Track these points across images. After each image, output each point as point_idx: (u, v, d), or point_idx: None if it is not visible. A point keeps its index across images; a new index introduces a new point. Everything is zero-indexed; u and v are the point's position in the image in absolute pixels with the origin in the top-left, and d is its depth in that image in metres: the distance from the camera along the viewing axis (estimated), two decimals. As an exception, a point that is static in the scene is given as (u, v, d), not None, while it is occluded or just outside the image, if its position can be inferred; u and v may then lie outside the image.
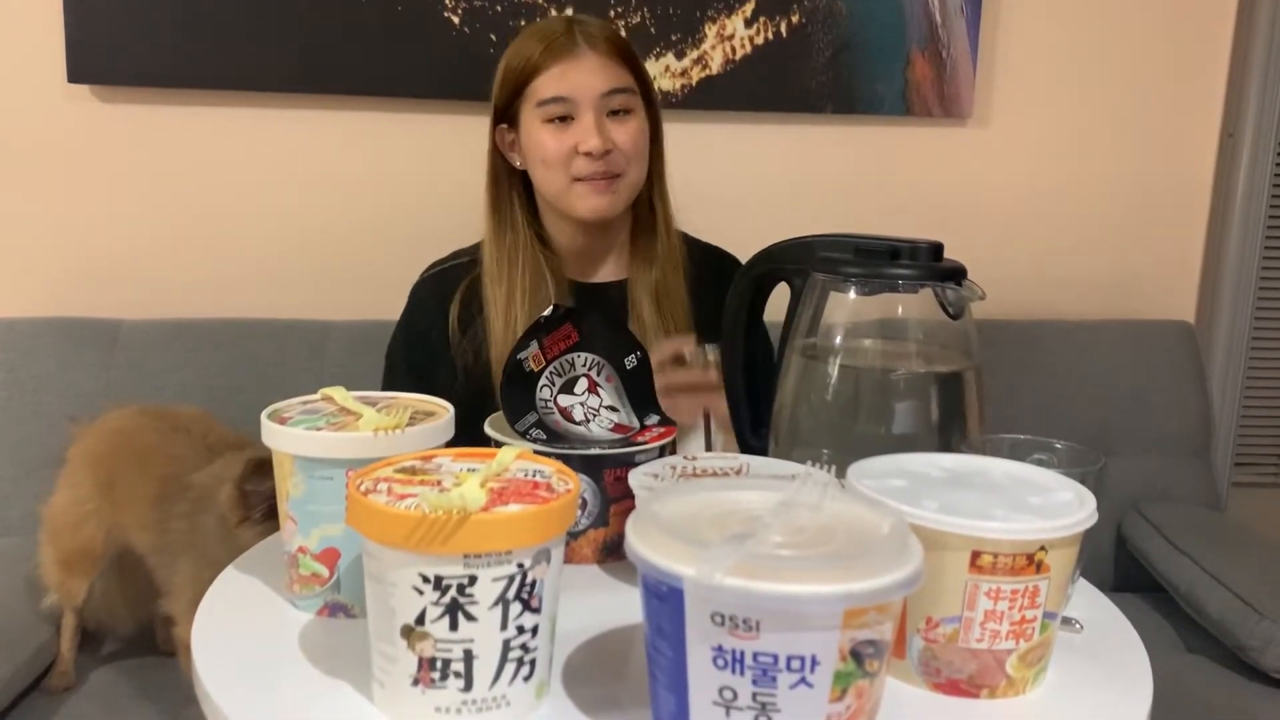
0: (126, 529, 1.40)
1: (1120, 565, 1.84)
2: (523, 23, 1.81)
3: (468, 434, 0.87)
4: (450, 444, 0.80)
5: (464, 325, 1.32)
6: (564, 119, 1.27)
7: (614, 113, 1.28)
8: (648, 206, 1.35)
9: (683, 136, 1.47)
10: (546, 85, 1.26)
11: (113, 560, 1.45)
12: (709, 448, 1.10)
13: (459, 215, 1.44)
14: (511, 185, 1.34)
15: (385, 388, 1.34)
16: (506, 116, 1.32)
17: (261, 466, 1.10)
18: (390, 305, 1.41)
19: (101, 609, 1.51)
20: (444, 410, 0.85)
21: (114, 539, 1.42)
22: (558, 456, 0.82)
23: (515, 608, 0.63)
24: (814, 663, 0.54)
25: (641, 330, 1.29)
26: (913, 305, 0.91)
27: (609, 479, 0.89)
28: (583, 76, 1.26)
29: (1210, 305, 2.11)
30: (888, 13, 1.91)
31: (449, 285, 1.34)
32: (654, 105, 1.34)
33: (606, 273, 1.37)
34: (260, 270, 1.87)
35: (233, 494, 1.14)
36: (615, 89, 1.27)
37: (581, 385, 0.95)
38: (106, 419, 1.48)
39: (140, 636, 1.55)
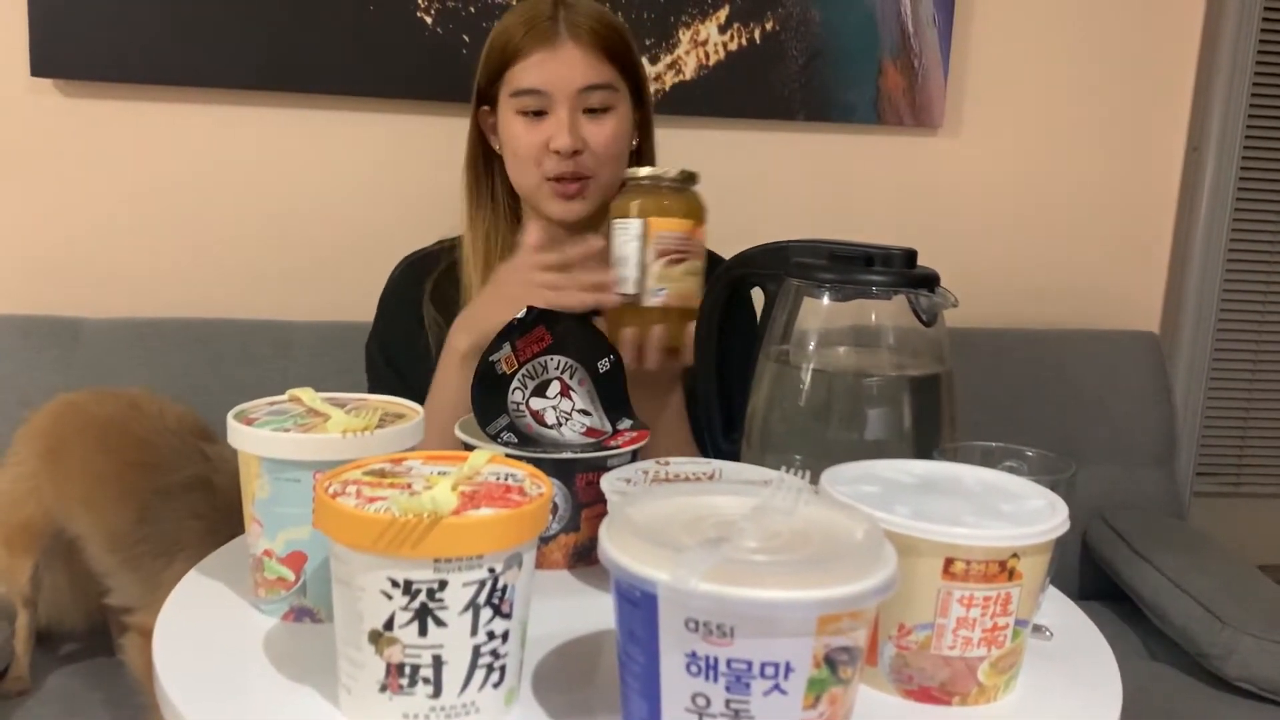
0: (70, 504, 1.35)
1: (1085, 573, 1.86)
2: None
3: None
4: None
5: (440, 310, 1.28)
6: (538, 113, 1.22)
7: (591, 110, 1.22)
8: None
9: (655, 141, 1.46)
10: (523, 74, 1.21)
11: (60, 553, 1.41)
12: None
13: (428, 216, 1.43)
14: (491, 170, 1.30)
15: (368, 380, 1.32)
16: (488, 98, 1.27)
17: None
18: (357, 306, 1.39)
19: (51, 606, 1.47)
20: (414, 412, 0.84)
21: (54, 516, 1.38)
22: (529, 460, 0.81)
23: (486, 613, 0.62)
24: (788, 669, 0.54)
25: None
26: (886, 312, 0.91)
27: (581, 483, 0.88)
28: (560, 69, 1.20)
29: (1175, 317, 2.14)
30: (860, 22, 1.92)
31: (422, 270, 1.31)
32: (645, 104, 1.30)
33: None
34: (226, 269, 1.85)
35: None
36: (593, 85, 1.21)
37: (554, 388, 0.94)
38: (55, 399, 1.46)
39: (95, 637, 1.52)
